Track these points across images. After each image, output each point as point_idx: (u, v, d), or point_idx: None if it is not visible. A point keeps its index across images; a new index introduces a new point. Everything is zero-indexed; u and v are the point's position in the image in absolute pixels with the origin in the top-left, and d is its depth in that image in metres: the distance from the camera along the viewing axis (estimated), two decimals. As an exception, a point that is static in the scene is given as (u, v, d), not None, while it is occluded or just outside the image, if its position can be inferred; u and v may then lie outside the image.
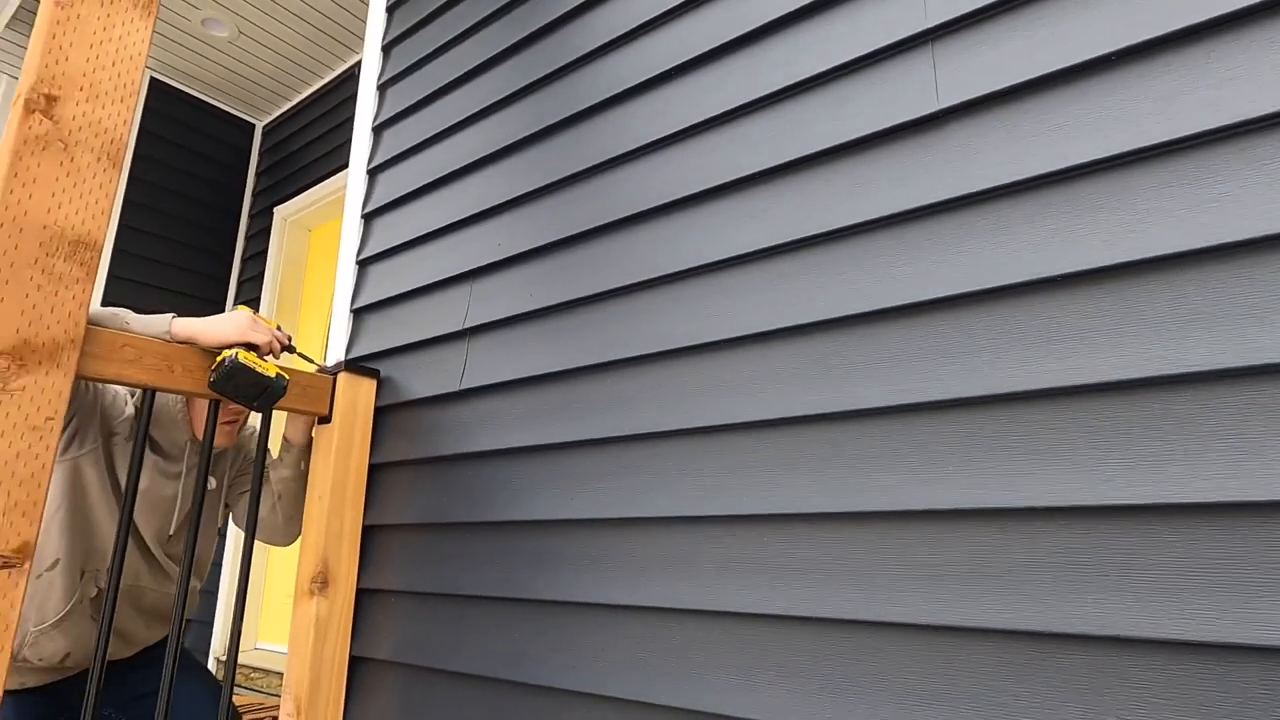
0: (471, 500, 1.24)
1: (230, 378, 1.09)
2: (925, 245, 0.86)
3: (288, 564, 2.86)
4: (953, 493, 0.78)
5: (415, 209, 1.55)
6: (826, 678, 0.83)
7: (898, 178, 0.90)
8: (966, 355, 0.81)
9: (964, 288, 0.82)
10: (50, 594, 1.24)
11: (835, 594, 0.84)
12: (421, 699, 1.21)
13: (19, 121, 0.96)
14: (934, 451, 0.81)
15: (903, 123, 0.90)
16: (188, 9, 2.90)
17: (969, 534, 0.77)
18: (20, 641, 1.23)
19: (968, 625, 0.75)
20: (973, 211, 0.84)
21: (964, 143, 0.86)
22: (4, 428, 0.90)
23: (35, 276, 0.94)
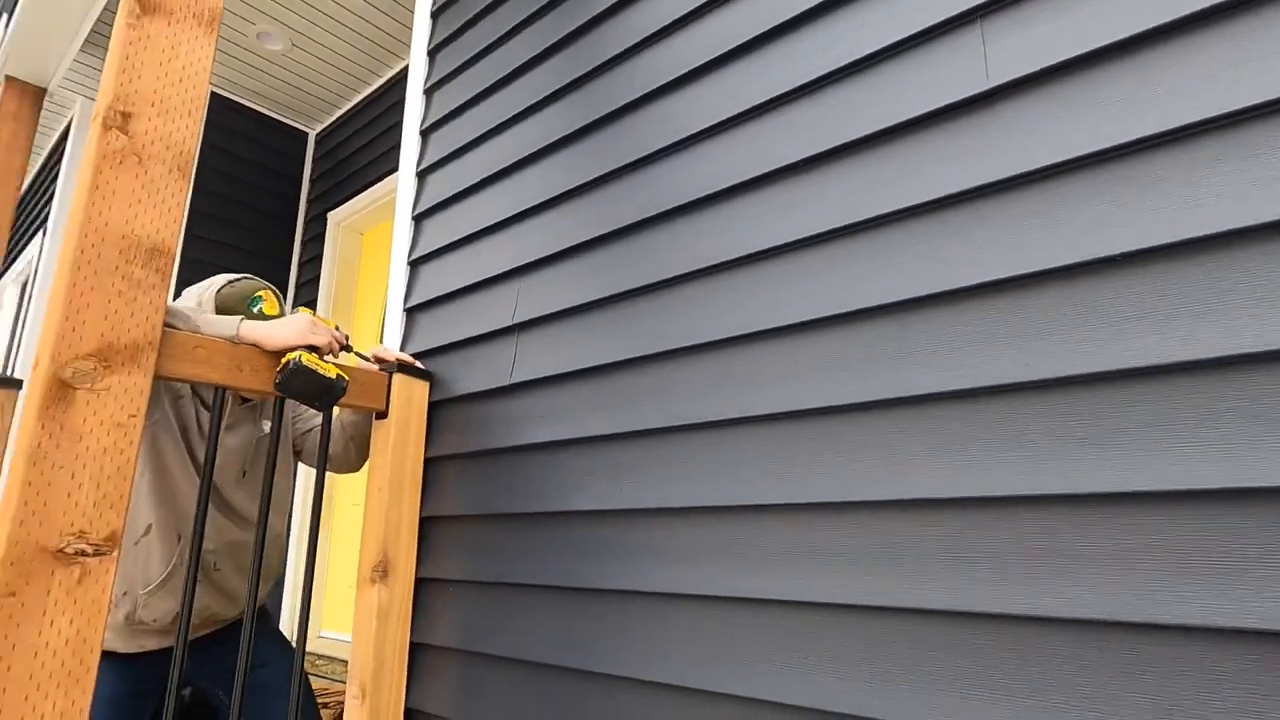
0: (523, 491, 1.27)
1: (294, 380, 1.15)
2: (975, 228, 0.85)
3: (347, 556, 2.97)
4: (1004, 479, 0.77)
5: (463, 209, 1.59)
6: (880, 667, 0.83)
7: (946, 160, 0.88)
8: (1019, 339, 0.79)
9: (1017, 270, 0.80)
10: (150, 558, 1.34)
11: (887, 582, 0.83)
12: (478, 683, 1.25)
13: (98, 138, 1.02)
14: (986, 438, 0.80)
15: (951, 103, 0.88)
16: (244, 24, 3.02)
17: (1021, 521, 0.76)
18: (134, 605, 1.34)
19: (1027, 614, 0.73)
20: (1025, 192, 0.82)
21: (1016, 121, 0.84)
22: (92, 425, 0.96)
23: (116, 283, 1.01)
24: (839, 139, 0.98)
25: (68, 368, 0.94)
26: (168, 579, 1.36)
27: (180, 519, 1.38)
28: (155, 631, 1.38)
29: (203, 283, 1.46)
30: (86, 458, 0.94)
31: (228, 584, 1.47)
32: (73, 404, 0.94)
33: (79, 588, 0.91)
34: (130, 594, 1.36)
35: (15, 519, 0.88)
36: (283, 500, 1.57)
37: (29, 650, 0.86)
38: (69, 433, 0.93)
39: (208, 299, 1.41)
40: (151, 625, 1.37)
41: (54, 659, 0.88)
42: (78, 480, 0.93)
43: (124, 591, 1.36)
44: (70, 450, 0.93)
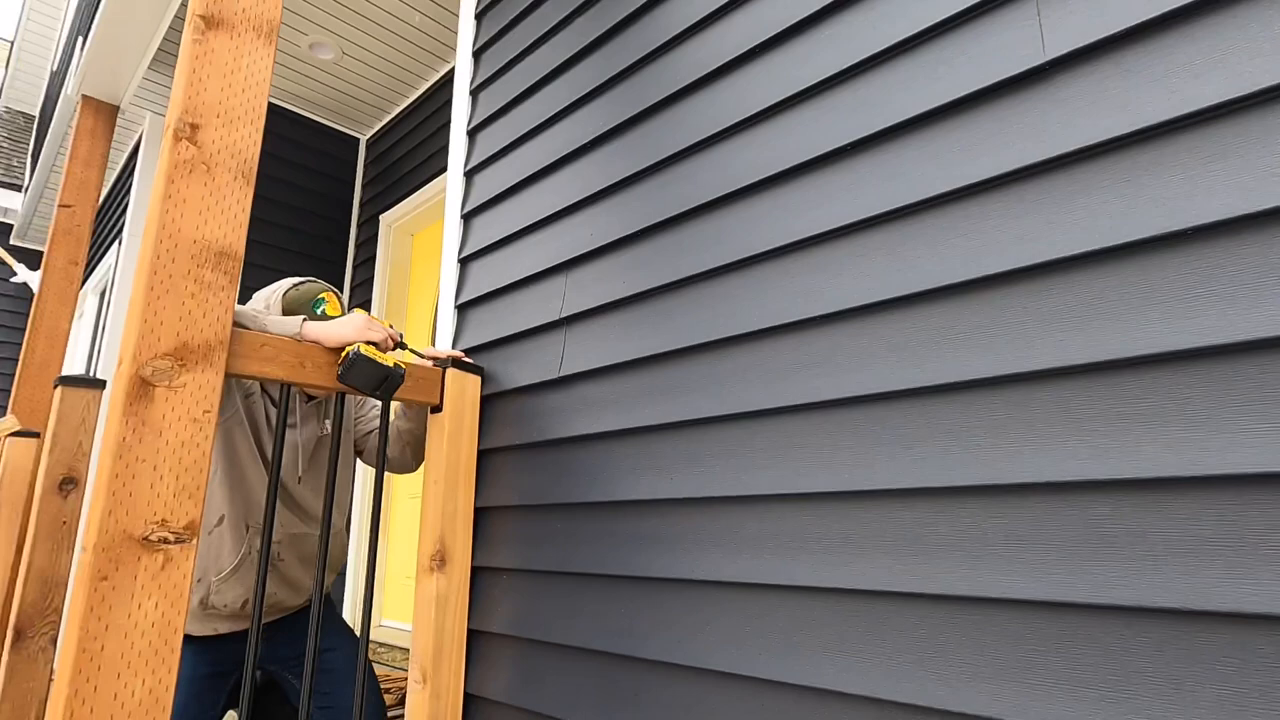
0: (575, 482, 1.29)
1: (355, 369, 1.19)
2: (1034, 207, 0.82)
3: (403, 548, 3.07)
4: (1066, 464, 0.75)
5: (510, 206, 1.61)
6: (938, 656, 0.81)
7: (1001, 138, 0.86)
8: (1083, 319, 0.76)
9: (1079, 248, 0.77)
10: (222, 548, 1.43)
11: (943, 569, 0.82)
12: (534, 670, 1.28)
13: (169, 149, 1.08)
14: (1047, 421, 0.77)
15: (1005, 79, 0.86)
16: (297, 35, 3.13)
17: (1083, 507, 0.73)
18: (207, 591, 1.43)
19: (1087, 602, 0.71)
20: (1087, 167, 0.79)
21: (1074, 95, 0.81)
22: (171, 420, 1.02)
23: (189, 286, 1.06)
24: (890, 120, 0.96)
25: (147, 366, 1.00)
26: (238, 567, 1.44)
27: (250, 511, 1.46)
28: (226, 616, 1.47)
29: (270, 287, 1.54)
30: (166, 451, 1.00)
31: (291, 574, 1.54)
32: (152, 401, 1.00)
33: (162, 573, 0.97)
34: (204, 580, 1.44)
35: (105, 509, 0.94)
36: (343, 497, 1.64)
37: (120, 631, 0.92)
38: (150, 428, 0.99)
39: (275, 302, 1.48)
40: (223, 610, 1.45)
41: (142, 639, 0.94)
42: (159, 472, 0.99)
43: (198, 578, 1.45)
44: (151, 444, 0.99)
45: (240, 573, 1.45)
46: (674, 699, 1.06)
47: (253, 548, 1.46)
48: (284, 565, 1.53)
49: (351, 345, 1.22)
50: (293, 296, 1.50)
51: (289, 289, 1.51)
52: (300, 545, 1.55)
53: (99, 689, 0.89)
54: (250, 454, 1.47)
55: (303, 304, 1.49)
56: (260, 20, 1.20)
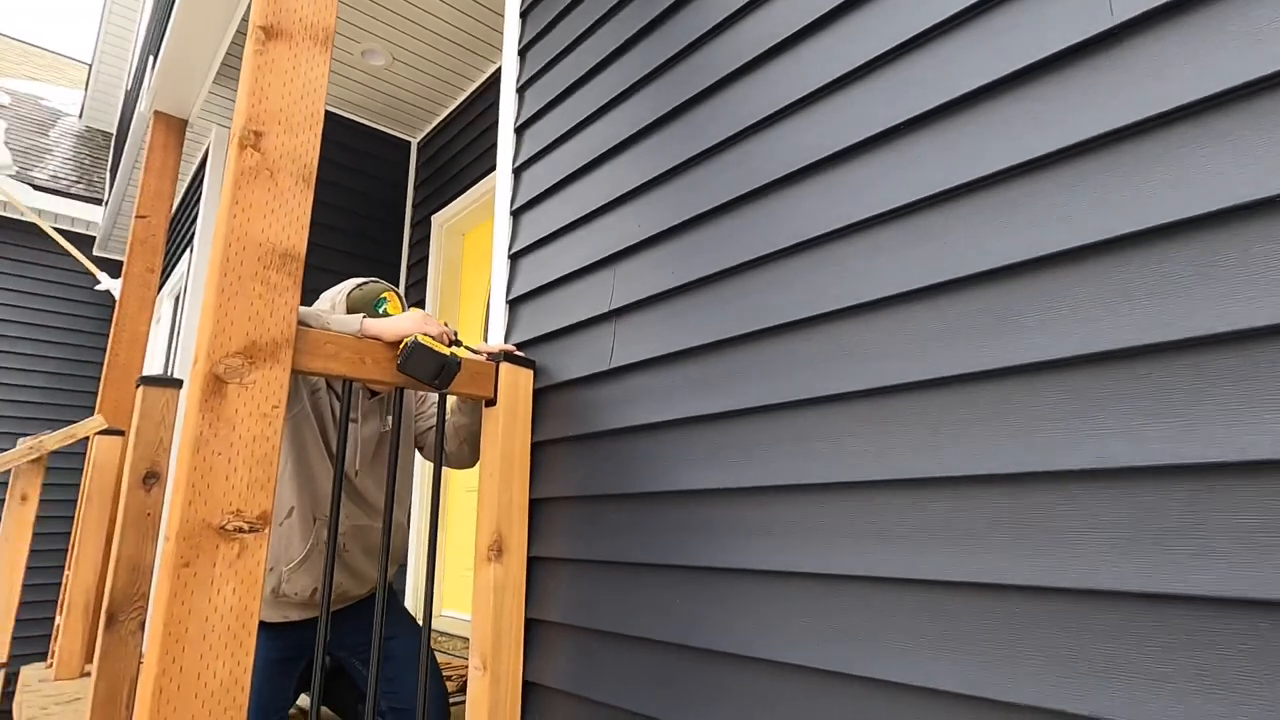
0: (628, 473, 1.30)
1: (413, 358, 1.23)
2: (1103, 179, 0.78)
3: (460, 540, 3.14)
4: (1139, 448, 0.71)
5: (558, 201, 1.63)
6: (1012, 648, 0.79)
7: (1065, 109, 0.82)
8: (1155, 296, 0.72)
9: (1150, 221, 0.73)
10: (292, 539, 1.51)
11: (1010, 558, 0.79)
12: (591, 658, 1.29)
13: (235, 157, 1.13)
14: (1118, 405, 0.74)
15: (1069, 46, 0.82)
16: (349, 44, 3.23)
17: (1162, 492, 0.70)
18: (279, 580, 1.51)
19: (1166, 592, 0.68)
20: (1161, 135, 0.75)
21: (1145, 59, 0.76)
22: (243, 415, 1.07)
23: (256, 287, 1.11)
24: (948, 95, 0.93)
25: (220, 364, 1.05)
26: (306, 557, 1.51)
27: (317, 504, 1.52)
28: (297, 604, 1.54)
29: (335, 288, 1.62)
30: (239, 444, 1.05)
31: (356, 564, 1.60)
32: (226, 397, 1.05)
33: (239, 560, 1.02)
34: (275, 570, 1.51)
35: (185, 499, 0.99)
36: (404, 490, 1.70)
37: (201, 615, 0.98)
38: (224, 422, 1.04)
39: (340, 301, 1.55)
40: (294, 599, 1.52)
41: (221, 623, 0.99)
42: (233, 465, 1.04)
43: (270, 567, 1.52)
44: (226, 438, 1.04)
45: (309, 563, 1.51)
46: (733, 689, 1.05)
47: (320, 539, 1.53)
48: (349, 556, 1.59)
49: (410, 337, 1.26)
50: (356, 296, 1.56)
51: (353, 289, 1.58)
52: (364, 537, 1.61)
53: (184, 669, 0.95)
54: (317, 448, 1.53)
55: (366, 303, 1.55)
56: (316, 28, 1.24)
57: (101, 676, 1.70)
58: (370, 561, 1.62)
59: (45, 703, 2.34)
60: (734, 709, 1.04)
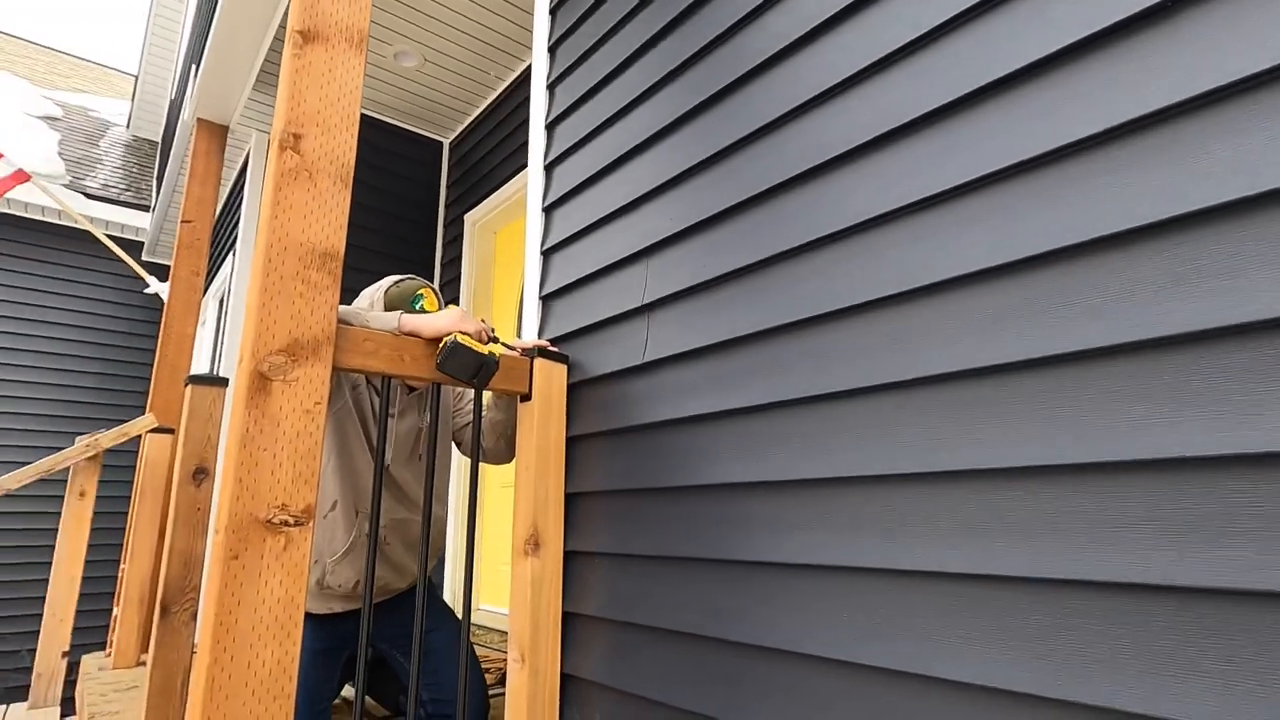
0: (663, 466, 1.30)
1: (453, 357, 1.25)
2: (1159, 157, 0.75)
3: (496, 535, 3.18)
4: (1192, 438, 0.68)
5: (590, 196, 1.63)
6: (1056, 644, 0.76)
7: (1119, 85, 0.79)
8: (1220, 278, 0.69)
9: (1215, 199, 0.70)
10: (335, 531, 1.54)
11: (1063, 553, 0.77)
12: (629, 651, 1.30)
13: (276, 159, 1.15)
14: (1171, 393, 0.71)
15: (1123, 19, 0.79)
16: (382, 46, 3.28)
17: (1218, 484, 0.67)
18: (323, 571, 1.55)
19: (1227, 587, 0.65)
20: (1223, 109, 0.71)
21: (1205, 30, 0.73)
22: (286, 412, 1.09)
23: (298, 286, 1.13)
24: (997, 73, 0.90)
25: (265, 362, 1.07)
26: (349, 550, 1.54)
27: (360, 497, 1.56)
28: (340, 596, 1.57)
29: (373, 285, 1.65)
30: (284, 440, 1.07)
31: (396, 558, 1.63)
32: (270, 394, 1.07)
33: (285, 553, 1.04)
34: (320, 562, 1.55)
35: (233, 494, 1.02)
36: (441, 486, 1.73)
37: (250, 606, 1.00)
38: (269, 419, 1.06)
39: (378, 298, 1.58)
40: (338, 590, 1.56)
41: (269, 614, 1.01)
42: (278, 460, 1.06)
43: (315, 560, 1.56)
44: (271, 434, 1.06)
45: (352, 555, 1.55)
46: (772, 683, 1.04)
47: (362, 532, 1.56)
48: (389, 549, 1.62)
49: (449, 335, 1.27)
50: (394, 293, 1.59)
51: (390, 286, 1.61)
52: (404, 530, 1.64)
53: (235, 658, 0.97)
54: (359, 443, 1.57)
55: (403, 299, 1.58)
56: (351, 31, 1.26)
57: (157, 665, 1.76)
58: (410, 555, 1.65)
59: (104, 690, 2.44)
60: (785, 706, 1.03)
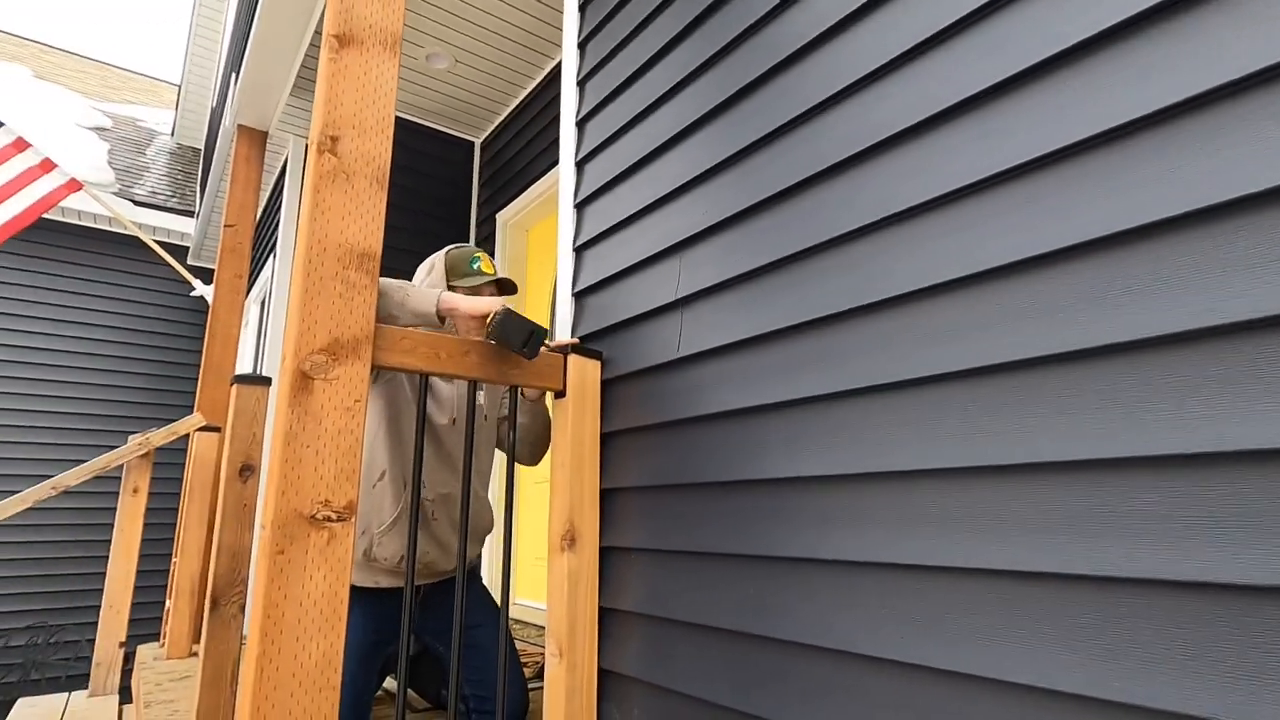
0: (699, 461, 1.29)
1: (505, 324, 1.28)
2: (1218, 136, 0.72)
3: (531, 531, 3.21)
4: (1247, 430, 0.65)
5: (622, 191, 1.63)
6: (1115, 643, 0.74)
7: (1176, 61, 0.76)
8: (1270, 266, 0.66)
9: (1265, 184, 0.67)
10: (383, 501, 1.57)
11: (1119, 549, 0.74)
12: (666, 647, 1.30)
13: (314, 162, 1.18)
14: (1222, 384, 0.68)
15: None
16: (414, 49, 3.32)
17: (1268, 478, 0.64)
18: (370, 543, 1.56)
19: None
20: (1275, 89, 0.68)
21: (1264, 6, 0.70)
22: (328, 409, 1.11)
23: (337, 286, 1.15)
24: (1036, 57, 0.87)
25: (306, 361, 1.09)
26: (397, 520, 1.56)
27: (409, 467, 1.57)
28: (387, 570, 1.58)
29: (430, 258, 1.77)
30: (325, 438, 1.09)
31: (443, 535, 1.64)
32: (312, 392, 1.10)
33: (328, 548, 1.06)
34: (368, 533, 1.56)
35: (278, 490, 1.04)
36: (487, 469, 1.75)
37: (296, 600, 1.03)
38: (311, 416, 1.09)
39: (439, 260, 1.72)
40: (384, 564, 1.56)
41: (315, 608, 1.04)
42: (320, 457, 1.09)
43: (363, 530, 1.57)
44: (313, 431, 1.08)
45: (399, 526, 1.56)
46: (813, 681, 1.03)
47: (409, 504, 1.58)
48: (436, 525, 1.62)
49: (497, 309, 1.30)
50: (455, 255, 1.73)
51: (451, 249, 1.75)
52: (453, 507, 1.65)
53: (282, 651, 1.00)
54: (409, 411, 1.60)
55: (463, 260, 1.71)
56: (385, 33, 1.28)
57: (208, 657, 1.82)
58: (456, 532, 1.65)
59: (159, 679, 2.53)
60: (837, 706, 1.02)
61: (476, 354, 1.33)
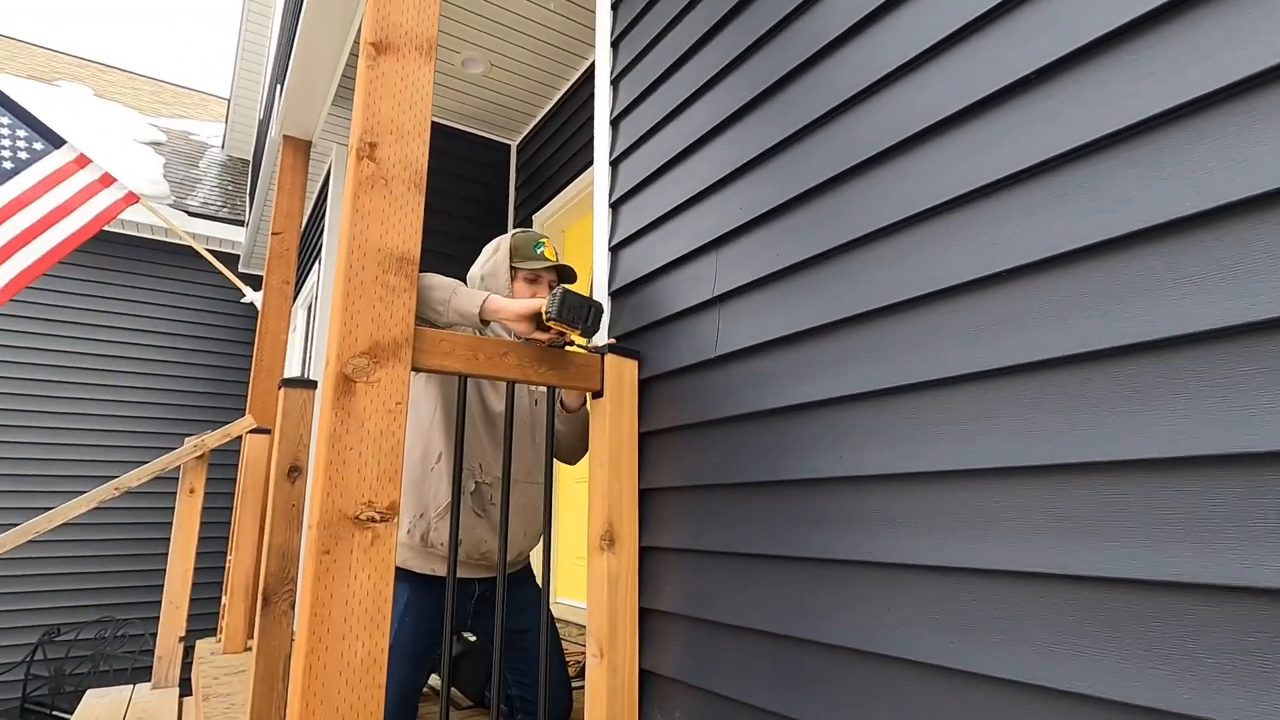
0: (738, 461, 1.27)
1: (566, 302, 1.29)
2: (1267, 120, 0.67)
3: (571, 530, 3.22)
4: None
5: (656, 189, 1.62)
6: (1161, 649, 0.70)
7: (1235, 39, 0.71)
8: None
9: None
10: (440, 484, 1.57)
11: (1175, 554, 0.70)
12: (707, 649, 1.28)
13: (353, 168, 1.19)
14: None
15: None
16: (450, 55, 3.37)
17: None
18: (427, 528, 1.56)
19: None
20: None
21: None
22: (370, 411, 1.13)
23: (377, 290, 1.17)
24: (1086, 36, 0.83)
25: (349, 365, 1.11)
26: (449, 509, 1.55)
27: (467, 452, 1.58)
28: (442, 557, 1.57)
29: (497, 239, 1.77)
30: (368, 440, 1.11)
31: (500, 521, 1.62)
32: (354, 395, 1.11)
33: (372, 548, 1.08)
34: (425, 517, 1.56)
35: (324, 491, 1.06)
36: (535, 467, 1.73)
37: (342, 599, 1.04)
38: (354, 419, 1.10)
39: (505, 241, 1.73)
40: (440, 550, 1.56)
41: (360, 606, 1.05)
42: (364, 458, 1.10)
43: (420, 514, 1.57)
44: (356, 433, 1.10)
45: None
46: (858, 686, 1.01)
47: (466, 488, 1.58)
48: (494, 510, 1.61)
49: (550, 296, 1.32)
50: (521, 238, 1.73)
51: (517, 231, 1.76)
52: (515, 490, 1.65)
53: (329, 649, 1.02)
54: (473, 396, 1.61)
55: (528, 243, 1.72)
56: (421, 40, 1.29)
57: (260, 653, 1.87)
58: (519, 522, 1.63)
59: (216, 673, 2.62)
60: (884, 714, 0.99)
61: (514, 355, 1.33)
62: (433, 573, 1.58)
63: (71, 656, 5.41)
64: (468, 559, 1.60)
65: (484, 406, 1.64)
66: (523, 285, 1.72)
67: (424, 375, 1.62)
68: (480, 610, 1.68)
